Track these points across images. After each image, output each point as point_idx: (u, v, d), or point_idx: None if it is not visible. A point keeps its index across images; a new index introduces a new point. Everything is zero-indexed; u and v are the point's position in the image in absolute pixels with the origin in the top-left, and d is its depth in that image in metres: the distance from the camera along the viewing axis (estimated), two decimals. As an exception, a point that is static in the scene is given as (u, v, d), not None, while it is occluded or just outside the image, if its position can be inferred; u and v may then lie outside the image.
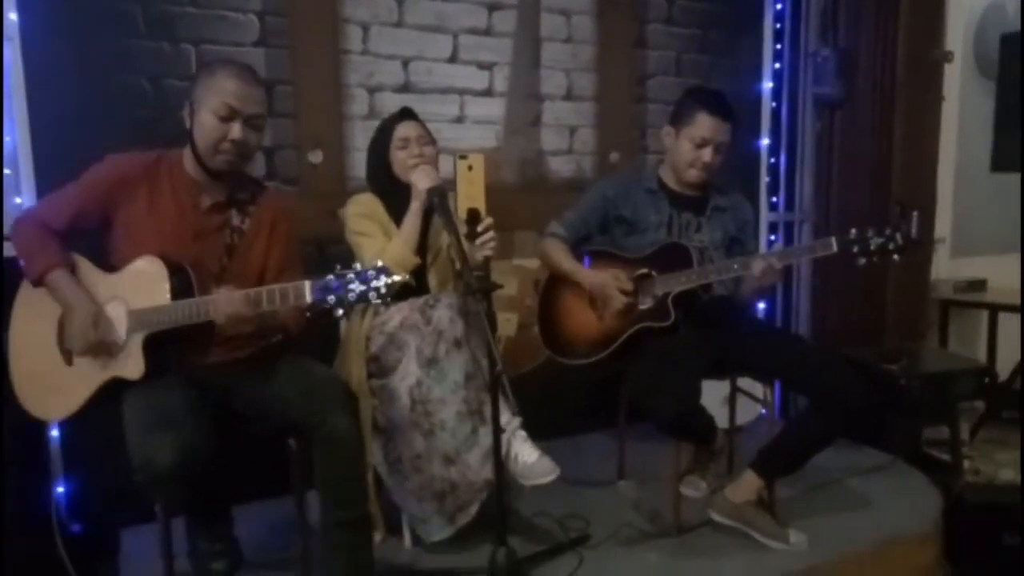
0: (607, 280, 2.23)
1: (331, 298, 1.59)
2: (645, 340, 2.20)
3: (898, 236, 2.00)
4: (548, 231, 2.41)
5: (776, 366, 2.22)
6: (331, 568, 1.81)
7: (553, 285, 2.41)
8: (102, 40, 2.27)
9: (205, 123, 1.77)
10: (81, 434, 2.21)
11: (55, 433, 2.27)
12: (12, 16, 2.12)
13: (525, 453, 2.04)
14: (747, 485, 2.17)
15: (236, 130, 1.77)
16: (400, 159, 2.16)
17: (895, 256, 2.03)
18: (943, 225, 3.78)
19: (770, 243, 3.47)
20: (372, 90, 2.67)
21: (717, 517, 2.19)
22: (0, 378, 1.89)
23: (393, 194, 2.17)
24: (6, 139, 2.17)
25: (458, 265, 2.04)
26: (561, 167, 3.05)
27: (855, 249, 2.03)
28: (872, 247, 2.02)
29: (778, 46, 3.42)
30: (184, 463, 1.55)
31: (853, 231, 2.04)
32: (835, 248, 2.05)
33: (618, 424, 2.63)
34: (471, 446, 2.04)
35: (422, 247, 2.14)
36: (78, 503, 2.30)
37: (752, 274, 2.10)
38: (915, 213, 3.29)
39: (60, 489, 2.28)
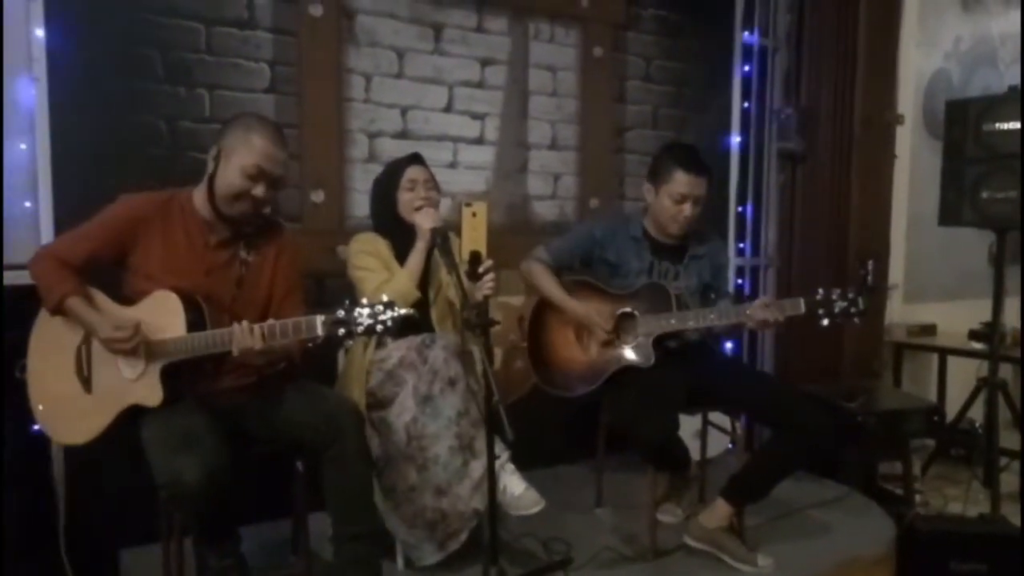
0: (591, 317, 2.39)
1: (341, 330, 1.73)
2: (626, 374, 2.36)
3: (860, 301, 2.16)
4: (534, 255, 2.55)
5: (745, 400, 2.39)
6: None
7: (541, 313, 2.55)
8: (123, 83, 2.40)
9: (231, 176, 1.87)
10: (83, 455, 2.29)
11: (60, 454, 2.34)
12: (40, 59, 2.25)
13: (513, 485, 2.18)
14: (719, 512, 2.32)
15: (260, 188, 1.88)
16: (406, 200, 2.31)
17: (856, 320, 2.19)
18: (896, 272, 4.04)
19: (738, 286, 3.68)
20: (372, 136, 2.83)
21: (691, 542, 2.34)
22: None
23: (396, 233, 2.32)
24: (28, 173, 2.28)
25: (457, 303, 2.20)
26: (545, 211, 3.24)
27: (820, 311, 2.18)
28: (836, 310, 2.16)
29: (745, 104, 3.68)
30: (208, 481, 1.66)
31: (820, 292, 2.19)
32: (803, 309, 2.20)
33: (594, 455, 2.78)
34: (462, 478, 2.16)
35: (424, 283, 2.30)
36: (78, 522, 2.36)
37: (750, 321, 2.23)
38: (870, 261, 3.54)
39: (61, 509, 2.35)
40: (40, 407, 1.97)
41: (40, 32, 2.25)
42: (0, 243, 2.17)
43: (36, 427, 2.00)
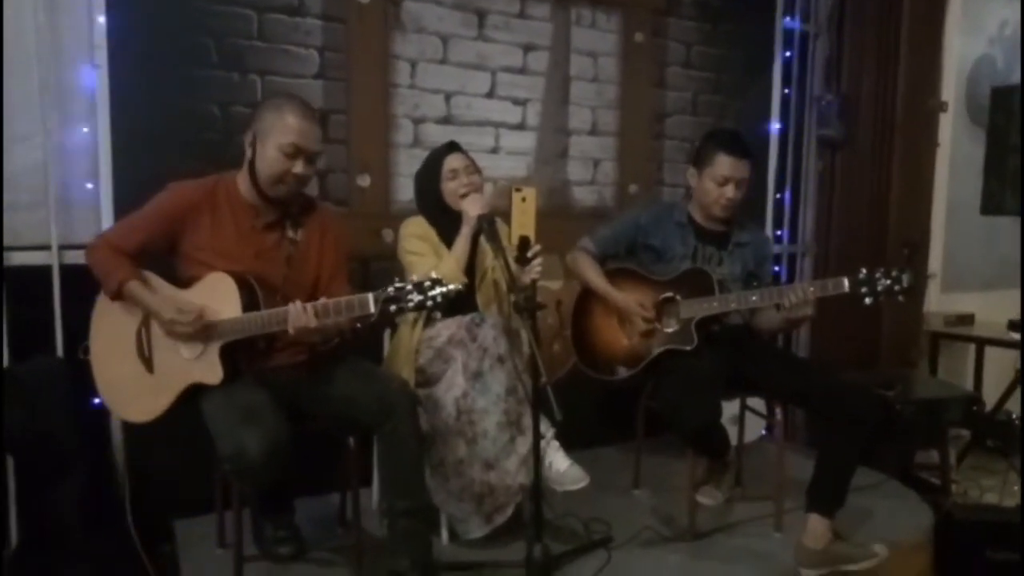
0: (632, 305, 2.42)
1: (393, 307, 1.77)
2: (669, 359, 2.39)
3: (904, 279, 2.15)
4: (580, 245, 2.59)
5: (790, 387, 2.38)
6: (396, 552, 1.97)
7: (585, 300, 2.58)
8: (179, 69, 2.47)
9: (270, 157, 1.92)
10: (140, 429, 2.38)
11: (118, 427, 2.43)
12: (102, 45, 2.32)
13: (558, 461, 2.24)
14: (818, 529, 2.25)
15: (299, 165, 1.93)
16: (451, 189, 2.36)
17: (900, 297, 2.16)
18: (934, 261, 4.01)
19: (774, 273, 3.68)
20: (417, 121, 2.88)
21: (809, 572, 2.23)
22: None
23: (443, 219, 2.37)
24: (89, 156, 2.36)
25: (504, 286, 2.24)
26: (584, 196, 3.27)
27: (863, 289, 2.17)
28: (879, 288, 2.16)
29: (786, 90, 3.67)
30: (271, 454, 1.73)
31: (863, 272, 2.18)
32: (846, 288, 2.18)
33: (632, 437, 2.82)
34: (509, 453, 2.22)
35: (470, 268, 2.34)
36: (135, 493, 2.45)
37: (784, 304, 2.22)
38: (907, 249, 3.52)
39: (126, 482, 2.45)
40: (104, 388, 2.04)
41: (102, 20, 2.32)
42: (0, 229, 2.24)
43: (96, 402, 2.08)
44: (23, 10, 2.25)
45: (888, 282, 2.16)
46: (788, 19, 3.65)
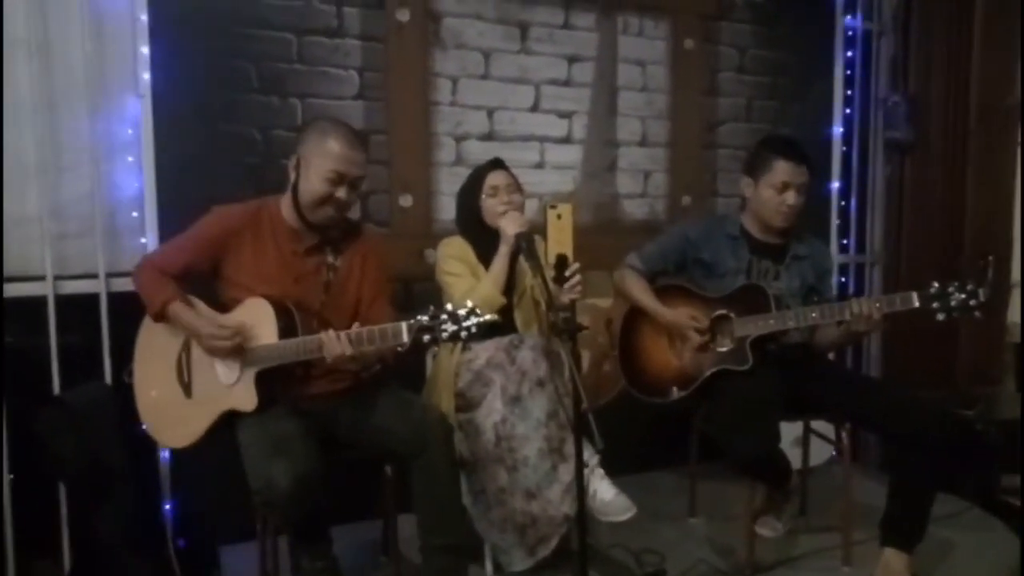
0: (683, 320, 2.31)
1: (427, 337, 1.73)
2: (722, 380, 2.26)
3: (980, 292, 1.99)
4: (627, 262, 2.49)
5: (853, 408, 2.24)
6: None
7: (633, 319, 2.47)
8: (220, 94, 2.48)
9: (313, 183, 1.91)
10: (187, 456, 2.38)
11: (165, 454, 2.45)
12: (145, 76, 2.36)
13: (603, 490, 2.13)
14: (894, 566, 2.12)
15: (343, 191, 1.91)
16: (490, 206, 2.30)
17: (976, 313, 2.00)
18: (1018, 270, 3.74)
19: (841, 285, 3.49)
20: (459, 138, 2.83)
21: None
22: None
23: (482, 238, 2.31)
24: (134, 184, 2.40)
25: (543, 306, 2.16)
26: (635, 210, 3.16)
27: (935, 305, 2.02)
28: (953, 303, 2.00)
29: (848, 92, 3.48)
30: (300, 486, 1.69)
31: (935, 285, 2.03)
32: (916, 303, 2.04)
33: (687, 462, 2.69)
34: (551, 482, 2.12)
35: (508, 288, 2.27)
36: (182, 520, 2.46)
37: (846, 318, 2.10)
38: (991, 256, 3.28)
39: (167, 506, 2.46)
40: (145, 411, 2.06)
41: (145, 50, 2.35)
42: (0, 254, 2.23)
43: (144, 427, 2.09)
44: (70, 41, 2.30)
45: (963, 296, 1.99)
46: (849, 17, 3.47)
